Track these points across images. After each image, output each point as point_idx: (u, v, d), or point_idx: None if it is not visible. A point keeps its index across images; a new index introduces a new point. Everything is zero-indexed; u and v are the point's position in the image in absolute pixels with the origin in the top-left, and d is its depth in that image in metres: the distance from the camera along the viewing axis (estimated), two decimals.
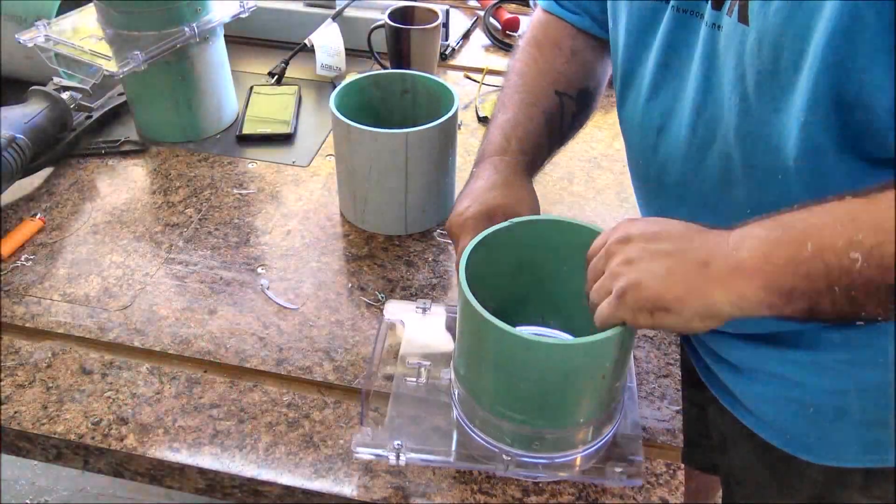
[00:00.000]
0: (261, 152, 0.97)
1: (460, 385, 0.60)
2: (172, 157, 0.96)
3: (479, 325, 0.53)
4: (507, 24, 1.26)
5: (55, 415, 0.64)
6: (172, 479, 0.63)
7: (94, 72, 0.90)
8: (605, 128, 1.04)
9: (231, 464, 0.61)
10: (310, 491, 0.59)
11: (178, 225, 0.85)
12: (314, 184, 0.92)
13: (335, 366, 0.69)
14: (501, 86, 0.77)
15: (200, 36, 0.91)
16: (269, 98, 1.06)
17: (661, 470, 0.62)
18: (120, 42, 0.88)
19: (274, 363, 0.69)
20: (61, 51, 0.91)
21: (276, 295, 0.76)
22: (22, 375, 0.68)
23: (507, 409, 0.56)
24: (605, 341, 0.51)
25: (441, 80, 0.84)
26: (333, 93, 0.80)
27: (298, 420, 0.65)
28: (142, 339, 0.71)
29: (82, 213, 0.86)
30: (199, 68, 0.94)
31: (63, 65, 0.96)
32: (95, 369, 0.68)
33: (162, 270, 0.79)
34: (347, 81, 0.83)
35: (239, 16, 0.97)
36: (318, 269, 0.80)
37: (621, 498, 0.59)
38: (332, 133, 0.86)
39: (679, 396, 0.68)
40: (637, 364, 0.70)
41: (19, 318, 0.73)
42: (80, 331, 0.72)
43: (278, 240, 0.83)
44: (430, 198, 0.83)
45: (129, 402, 0.66)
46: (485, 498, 0.59)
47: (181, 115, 0.96)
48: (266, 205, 0.88)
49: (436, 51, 1.09)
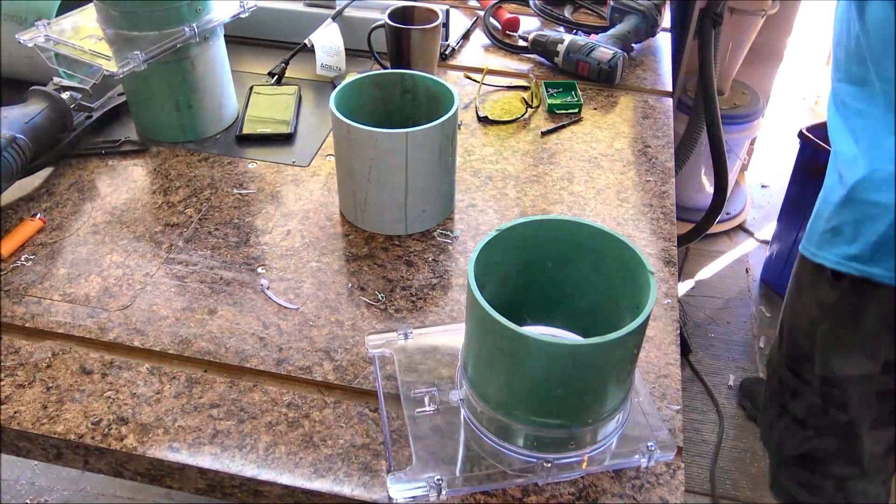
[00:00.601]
0: (261, 152, 0.97)
1: (484, 403, 0.59)
2: (172, 157, 0.96)
3: (507, 338, 0.52)
4: (507, 24, 1.26)
5: (55, 415, 0.64)
6: (172, 479, 0.63)
7: (94, 72, 0.90)
8: (605, 128, 1.04)
9: (231, 464, 0.61)
10: (310, 491, 0.59)
11: (178, 225, 0.85)
12: (314, 184, 0.92)
13: (335, 366, 0.69)
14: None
15: (200, 36, 0.91)
16: (269, 98, 1.06)
17: (661, 470, 0.62)
18: (120, 42, 0.88)
19: (274, 363, 0.69)
20: (61, 51, 0.91)
21: (276, 295, 0.76)
22: (22, 375, 0.68)
23: (543, 416, 0.56)
24: (637, 329, 0.52)
25: (441, 80, 0.84)
26: (333, 93, 0.80)
27: (298, 420, 0.65)
28: (142, 339, 0.71)
29: (82, 213, 0.86)
30: (199, 68, 0.94)
31: (63, 65, 0.96)
32: (95, 369, 0.68)
33: (162, 270, 0.79)
34: (347, 81, 0.83)
35: (239, 16, 0.97)
36: (318, 269, 0.80)
37: (621, 497, 0.60)
38: (332, 133, 0.86)
39: (679, 396, 0.68)
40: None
41: (19, 318, 0.73)
42: (80, 331, 0.72)
43: (278, 240, 0.83)
44: (430, 198, 0.83)
45: (129, 402, 0.66)
46: (485, 498, 0.59)
47: (181, 115, 0.96)
48: (266, 205, 0.88)
49: (436, 51, 1.09)
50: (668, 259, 0.82)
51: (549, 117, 1.06)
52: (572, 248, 0.61)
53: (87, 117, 0.97)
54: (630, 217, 0.88)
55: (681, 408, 0.67)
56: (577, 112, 1.06)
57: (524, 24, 1.28)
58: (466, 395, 0.61)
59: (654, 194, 0.92)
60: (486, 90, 1.11)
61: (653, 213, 0.89)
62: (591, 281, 0.63)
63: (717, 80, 1.67)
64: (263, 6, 1.16)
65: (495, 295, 0.56)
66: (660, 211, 0.89)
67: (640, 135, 1.03)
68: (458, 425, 0.62)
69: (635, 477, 0.61)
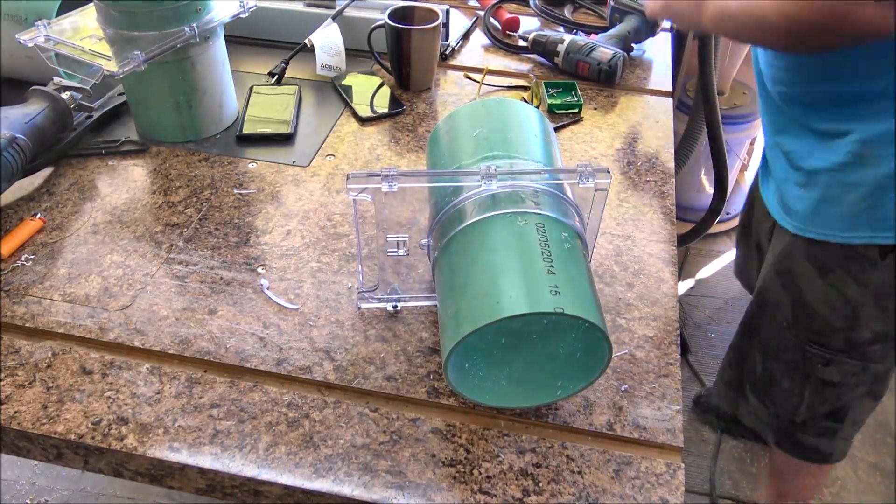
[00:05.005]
0: (261, 152, 0.97)
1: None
2: (172, 157, 0.96)
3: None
4: (507, 24, 1.26)
5: (55, 415, 0.64)
6: (172, 479, 0.63)
7: (94, 72, 0.90)
8: (605, 128, 1.04)
9: (231, 464, 0.61)
10: (310, 491, 0.59)
11: (178, 225, 0.85)
12: (314, 184, 0.92)
13: (335, 366, 0.69)
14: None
15: (200, 36, 0.91)
16: (269, 98, 1.06)
17: (661, 470, 0.62)
18: (120, 42, 0.88)
19: (274, 363, 0.69)
20: (61, 51, 0.91)
21: (276, 295, 0.76)
22: (22, 375, 0.68)
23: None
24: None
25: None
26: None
27: (298, 420, 0.65)
28: (142, 339, 0.71)
29: (82, 213, 0.86)
30: (199, 68, 0.94)
31: (63, 65, 0.96)
32: (95, 369, 0.68)
33: (162, 270, 0.79)
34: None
35: (239, 16, 0.97)
36: (318, 269, 0.80)
37: (621, 498, 0.60)
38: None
39: (679, 396, 0.68)
40: (637, 364, 0.70)
41: (19, 318, 0.73)
42: (80, 331, 0.72)
43: (278, 240, 0.83)
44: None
45: (129, 402, 0.66)
46: (485, 498, 0.59)
47: (181, 115, 0.96)
48: (266, 205, 0.88)
49: (436, 51, 1.09)
50: (668, 259, 0.82)
51: (550, 117, 1.06)
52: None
53: (87, 117, 0.97)
54: (630, 217, 0.88)
55: (681, 408, 0.67)
56: (577, 112, 1.07)
57: (524, 24, 1.28)
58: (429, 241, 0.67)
59: (654, 194, 0.92)
60: (486, 90, 1.11)
61: (653, 213, 0.89)
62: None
63: (717, 80, 1.67)
64: (263, 6, 1.16)
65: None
66: (660, 211, 0.89)
67: (640, 135, 1.03)
68: (425, 265, 0.69)
69: (635, 477, 0.61)
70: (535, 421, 0.65)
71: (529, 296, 0.56)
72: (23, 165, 0.85)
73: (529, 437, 0.64)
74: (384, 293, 0.74)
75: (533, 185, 0.64)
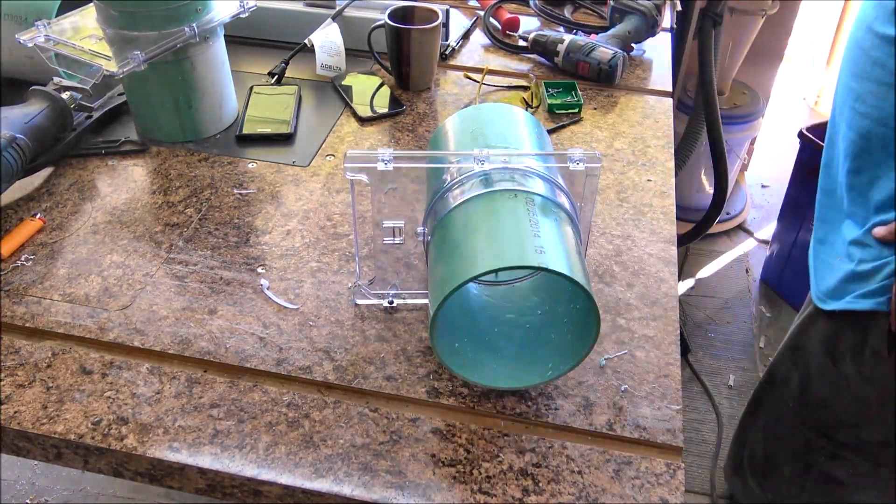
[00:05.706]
0: (261, 152, 0.97)
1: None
2: (172, 157, 0.96)
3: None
4: (507, 24, 1.26)
5: (55, 415, 0.64)
6: (172, 479, 0.63)
7: (94, 72, 0.90)
8: (605, 128, 1.04)
9: (231, 464, 0.61)
10: (310, 491, 0.59)
11: (178, 225, 0.85)
12: (314, 184, 0.92)
13: (335, 366, 0.69)
14: None
15: (200, 36, 0.91)
16: (269, 98, 1.06)
17: (661, 470, 0.62)
18: (120, 42, 0.88)
19: (274, 363, 0.69)
20: (61, 51, 0.91)
21: (276, 295, 0.76)
22: (22, 375, 0.68)
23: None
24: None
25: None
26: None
27: (298, 420, 0.65)
28: (142, 338, 0.71)
29: (82, 213, 0.86)
30: (199, 68, 0.94)
31: (63, 65, 0.96)
32: (95, 369, 0.68)
33: (162, 270, 0.79)
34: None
35: (239, 16, 0.97)
36: (318, 269, 0.80)
37: (621, 498, 0.60)
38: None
39: (679, 396, 0.68)
40: (637, 364, 0.70)
41: (19, 318, 0.73)
42: (80, 331, 0.72)
43: (278, 240, 0.83)
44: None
45: (129, 401, 0.66)
46: (485, 498, 0.59)
47: (181, 115, 0.96)
48: (266, 205, 0.88)
49: (436, 51, 1.09)
50: (668, 259, 0.82)
51: (549, 117, 1.06)
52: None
53: (87, 117, 0.97)
54: (630, 217, 0.88)
55: (681, 408, 0.67)
56: (577, 112, 1.06)
57: (524, 24, 1.28)
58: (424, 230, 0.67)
59: (654, 194, 0.92)
60: (486, 90, 1.11)
61: (653, 213, 0.89)
62: None
63: (717, 80, 1.67)
64: (263, 6, 1.16)
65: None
66: (660, 211, 0.89)
67: (640, 135, 1.03)
68: (421, 255, 0.69)
69: (635, 477, 0.61)
70: (535, 421, 0.65)
71: (514, 250, 0.57)
72: (23, 165, 0.85)
73: (529, 437, 0.64)
74: (382, 289, 0.75)
75: (524, 167, 0.65)
